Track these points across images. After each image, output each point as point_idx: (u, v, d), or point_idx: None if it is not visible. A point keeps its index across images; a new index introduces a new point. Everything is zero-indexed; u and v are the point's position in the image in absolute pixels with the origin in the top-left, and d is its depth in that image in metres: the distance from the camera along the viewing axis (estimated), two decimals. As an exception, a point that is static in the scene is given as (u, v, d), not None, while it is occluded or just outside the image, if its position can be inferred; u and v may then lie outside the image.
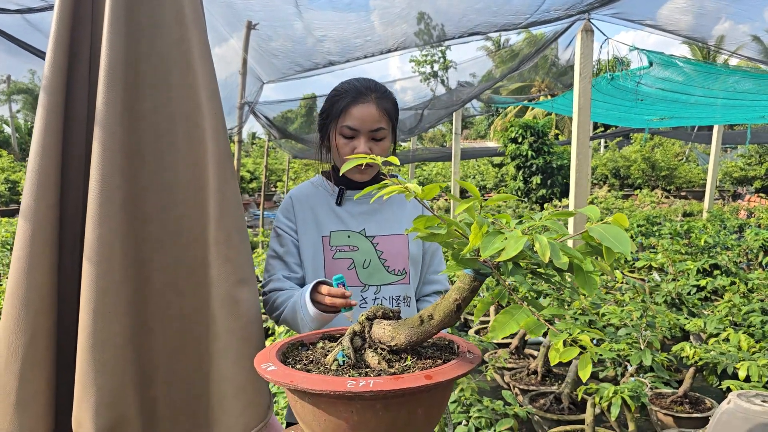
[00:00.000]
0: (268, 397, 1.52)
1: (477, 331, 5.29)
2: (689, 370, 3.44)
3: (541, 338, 4.55)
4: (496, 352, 4.50)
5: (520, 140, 15.86)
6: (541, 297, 4.12)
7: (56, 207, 1.40)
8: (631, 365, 3.27)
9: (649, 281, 5.03)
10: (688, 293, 5.06)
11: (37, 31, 3.98)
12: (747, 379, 2.93)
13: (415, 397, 1.00)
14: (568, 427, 3.22)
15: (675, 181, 20.47)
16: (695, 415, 3.29)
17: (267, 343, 2.35)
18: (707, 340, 3.87)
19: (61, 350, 1.43)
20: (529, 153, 15.63)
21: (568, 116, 16.07)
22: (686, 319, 3.98)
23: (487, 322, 5.37)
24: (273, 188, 24.98)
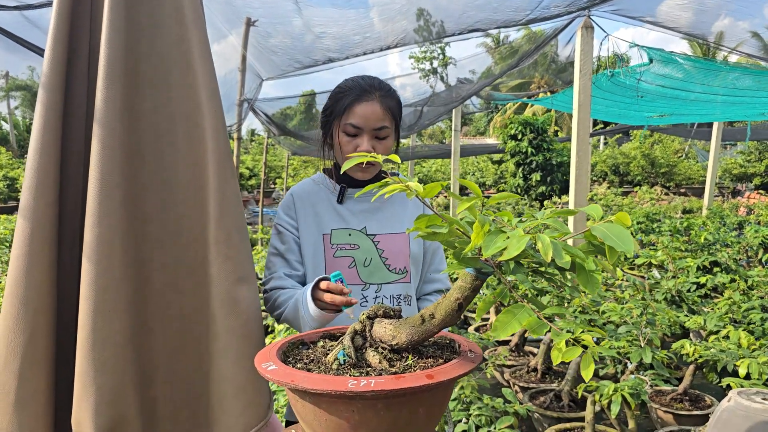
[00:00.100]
0: (268, 396, 1.51)
1: (477, 329, 5.29)
2: (689, 368, 3.44)
3: (541, 335, 4.55)
4: (496, 350, 4.50)
5: (519, 137, 15.82)
6: (541, 295, 4.12)
7: (55, 205, 1.40)
8: (631, 363, 3.27)
9: (649, 278, 5.03)
10: (688, 290, 5.07)
11: (36, 28, 3.97)
12: (747, 377, 2.93)
13: (417, 397, 1.00)
14: (568, 425, 3.22)
15: (674, 178, 20.46)
16: (695, 413, 3.29)
17: (267, 341, 2.35)
18: (707, 337, 3.87)
19: (61, 349, 1.43)
20: (529, 150, 15.59)
21: (568, 113, 16.06)
22: (686, 316, 3.98)
23: (487, 319, 5.37)
24: (272, 185, 24.96)
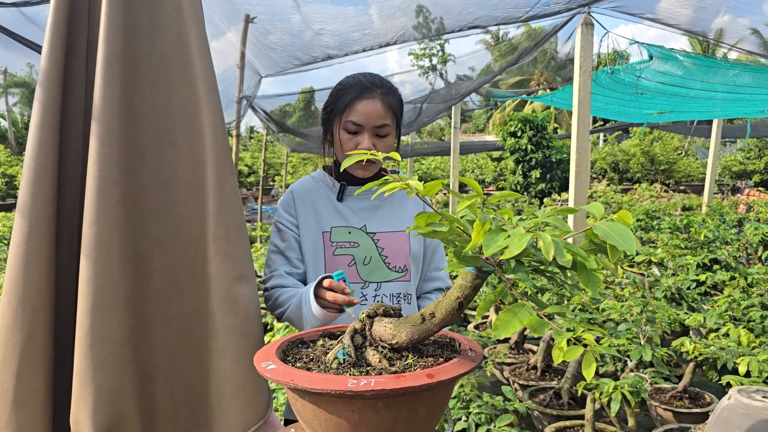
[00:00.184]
0: (267, 395, 1.51)
1: (477, 327, 5.28)
2: (689, 366, 3.44)
3: (542, 334, 4.55)
4: (496, 347, 4.49)
5: (519, 134, 15.80)
6: (541, 293, 4.12)
7: (53, 202, 1.39)
8: (631, 360, 3.27)
9: (649, 276, 5.02)
10: (688, 288, 5.06)
11: (33, 25, 3.96)
12: (747, 375, 2.93)
13: (417, 396, 0.99)
14: (567, 423, 3.22)
15: (674, 175, 20.46)
16: (695, 411, 3.29)
17: (266, 339, 2.34)
18: (707, 335, 3.87)
19: (59, 347, 1.42)
20: (529, 147, 15.58)
21: (567, 110, 16.04)
22: (686, 314, 3.98)
23: (487, 317, 5.36)
24: (271, 182, 24.96)
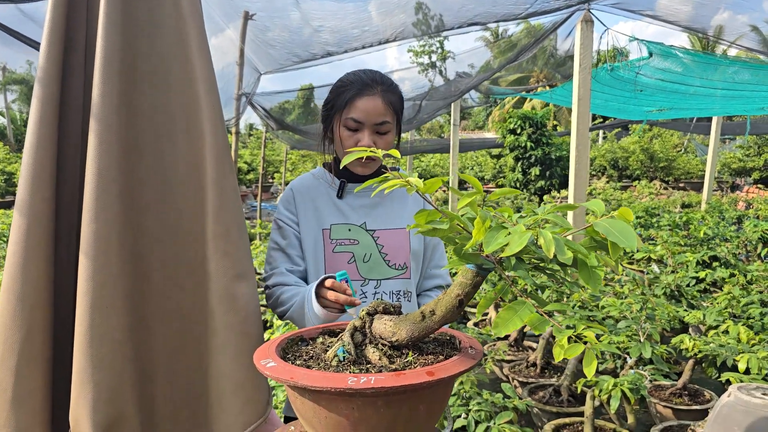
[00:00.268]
0: (267, 393, 1.50)
1: (476, 324, 5.28)
2: (688, 363, 3.44)
3: (543, 332, 4.55)
4: (495, 345, 4.49)
5: (518, 131, 15.79)
6: (541, 290, 4.12)
7: (52, 200, 1.38)
8: (631, 357, 3.27)
9: (649, 273, 5.03)
10: (688, 285, 5.06)
11: (32, 22, 3.95)
12: (747, 372, 2.93)
13: (417, 394, 0.99)
14: (567, 420, 3.22)
15: (673, 173, 20.47)
16: (694, 408, 3.29)
17: (265, 336, 2.34)
18: (706, 332, 3.87)
19: (58, 345, 1.42)
20: (528, 144, 15.57)
21: (566, 107, 16.03)
22: (685, 311, 3.98)
23: (486, 313, 5.36)
24: (270, 180, 24.95)
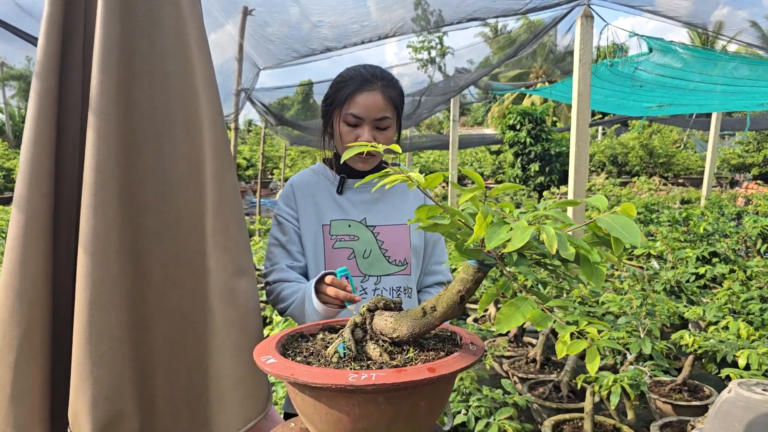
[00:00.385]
0: (267, 389, 1.50)
1: (476, 320, 5.28)
2: (688, 358, 3.44)
3: (544, 328, 4.55)
4: (495, 341, 4.49)
5: (518, 127, 15.76)
6: (540, 285, 4.11)
7: (50, 196, 1.37)
8: (631, 353, 3.26)
9: (648, 269, 5.02)
10: (687, 281, 5.06)
11: (30, 17, 3.93)
12: (747, 368, 2.93)
13: (418, 390, 0.98)
14: (567, 416, 3.22)
15: (673, 168, 20.46)
16: (694, 403, 3.29)
17: (265, 332, 2.33)
18: (706, 328, 3.87)
19: (57, 342, 1.41)
20: (528, 140, 15.54)
21: (566, 103, 16.00)
22: (685, 306, 3.97)
23: (486, 309, 5.36)
24: (269, 176, 24.94)
